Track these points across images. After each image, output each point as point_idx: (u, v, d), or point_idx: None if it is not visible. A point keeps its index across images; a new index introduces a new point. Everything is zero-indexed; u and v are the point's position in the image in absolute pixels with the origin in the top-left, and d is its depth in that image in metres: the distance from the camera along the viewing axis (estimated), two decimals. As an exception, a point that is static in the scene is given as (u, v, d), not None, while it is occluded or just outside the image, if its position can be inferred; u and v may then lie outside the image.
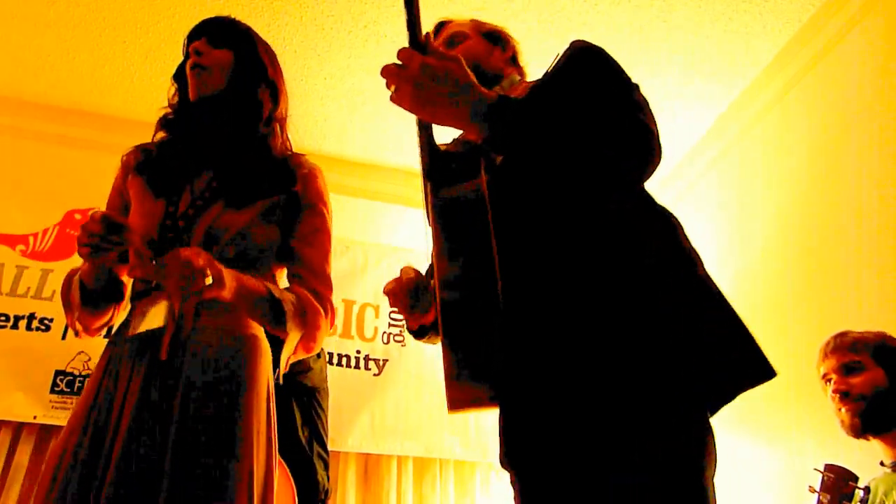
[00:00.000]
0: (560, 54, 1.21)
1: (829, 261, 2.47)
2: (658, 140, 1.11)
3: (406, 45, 1.07)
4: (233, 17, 1.50)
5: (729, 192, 3.18)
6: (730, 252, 3.06)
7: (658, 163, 1.11)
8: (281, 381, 1.36)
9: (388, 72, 1.06)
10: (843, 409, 1.75)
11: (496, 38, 1.44)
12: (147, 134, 1.50)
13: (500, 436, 1.15)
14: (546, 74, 1.24)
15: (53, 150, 3.38)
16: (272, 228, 1.39)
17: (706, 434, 1.00)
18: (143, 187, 1.40)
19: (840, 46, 2.62)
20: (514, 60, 1.45)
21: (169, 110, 1.48)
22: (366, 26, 2.87)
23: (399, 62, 1.05)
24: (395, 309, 1.28)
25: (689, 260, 1.09)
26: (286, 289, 1.39)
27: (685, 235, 1.13)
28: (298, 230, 1.42)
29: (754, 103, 3.04)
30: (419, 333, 1.35)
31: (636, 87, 1.17)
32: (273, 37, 2.90)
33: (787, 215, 2.75)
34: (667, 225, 1.13)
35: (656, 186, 3.59)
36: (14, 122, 3.36)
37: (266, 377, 1.32)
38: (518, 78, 1.42)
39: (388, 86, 1.08)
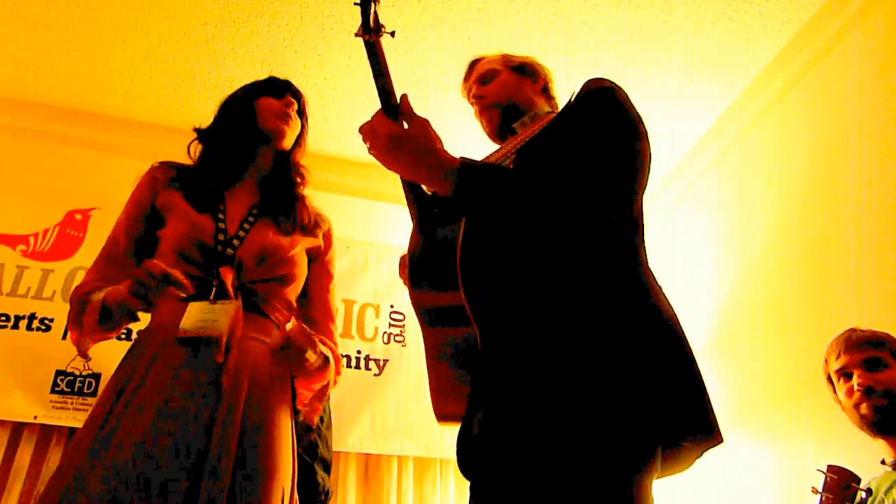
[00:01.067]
0: (574, 94, 1.23)
1: (829, 261, 2.47)
2: (615, 203, 1.11)
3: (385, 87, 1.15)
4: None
5: (729, 192, 3.18)
6: (730, 252, 3.06)
7: (611, 227, 1.12)
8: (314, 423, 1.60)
9: (363, 131, 1.17)
10: (865, 405, 1.72)
11: (526, 70, 1.48)
12: (147, 134, 1.51)
13: (457, 445, 1.20)
14: (558, 115, 1.26)
15: (53, 150, 3.37)
16: (305, 260, 1.54)
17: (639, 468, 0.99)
18: (183, 200, 1.46)
19: (840, 46, 2.62)
20: (545, 90, 1.49)
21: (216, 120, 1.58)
22: (366, 26, 2.87)
23: (373, 124, 1.15)
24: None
25: (641, 288, 1.10)
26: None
27: (644, 261, 1.15)
28: (318, 277, 1.60)
29: (754, 103, 3.04)
30: None
31: (639, 135, 1.16)
32: (273, 37, 2.91)
33: (787, 215, 2.75)
34: (625, 249, 1.14)
35: (657, 186, 3.60)
36: (14, 122, 3.35)
37: (289, 394, 1.44)
38: (546, 109, 1.44)
39: (364, 141, 1.18)
